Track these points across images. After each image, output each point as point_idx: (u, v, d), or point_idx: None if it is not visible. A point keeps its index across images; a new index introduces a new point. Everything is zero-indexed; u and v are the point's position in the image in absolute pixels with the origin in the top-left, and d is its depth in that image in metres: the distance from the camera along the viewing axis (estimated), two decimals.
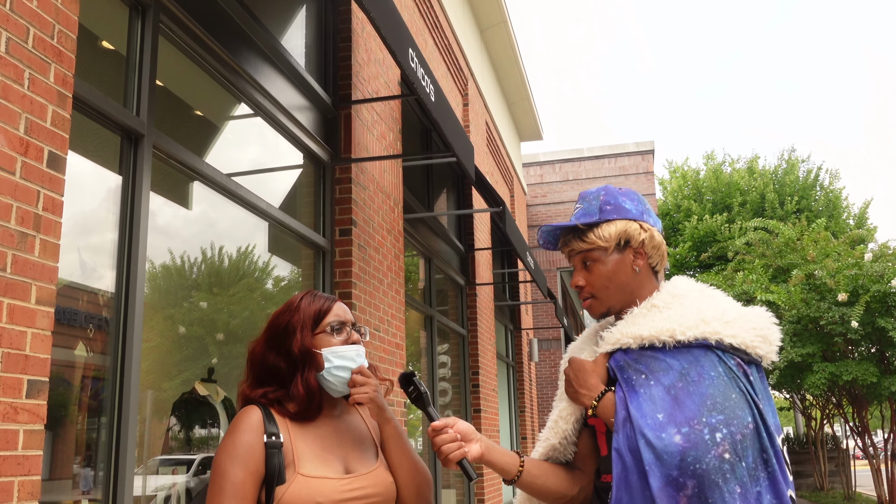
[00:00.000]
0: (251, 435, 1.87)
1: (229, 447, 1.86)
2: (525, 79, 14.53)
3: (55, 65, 2.61)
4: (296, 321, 2.01)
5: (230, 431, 1.89)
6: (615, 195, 2.08)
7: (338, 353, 1.99)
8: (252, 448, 1.86)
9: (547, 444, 2.12)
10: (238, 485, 1.82)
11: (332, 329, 2.01)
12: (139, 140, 3.36)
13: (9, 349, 2.29)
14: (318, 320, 2.02)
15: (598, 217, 2.05)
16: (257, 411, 1.92)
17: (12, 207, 2.37)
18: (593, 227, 2.05)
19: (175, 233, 3.95)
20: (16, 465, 2.28)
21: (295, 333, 1.99)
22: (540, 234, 2.14)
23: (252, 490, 1.83)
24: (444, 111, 5.25)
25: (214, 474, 1.85)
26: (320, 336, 2.01)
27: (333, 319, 2.03)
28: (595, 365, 2.04)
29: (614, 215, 2.05)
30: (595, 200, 2.08)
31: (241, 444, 1.86)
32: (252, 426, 1.89)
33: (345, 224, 5.57)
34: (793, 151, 25.20)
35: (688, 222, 23.14)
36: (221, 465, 1.85)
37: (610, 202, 2.07)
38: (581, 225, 2.06)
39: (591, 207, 2.08)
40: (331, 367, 1.98)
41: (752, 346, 1.94)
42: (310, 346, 1.98)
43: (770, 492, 1.80)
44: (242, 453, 1.85)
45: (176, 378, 4.02)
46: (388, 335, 6.08)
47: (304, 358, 1.98)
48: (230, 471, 1.83)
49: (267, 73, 4.72)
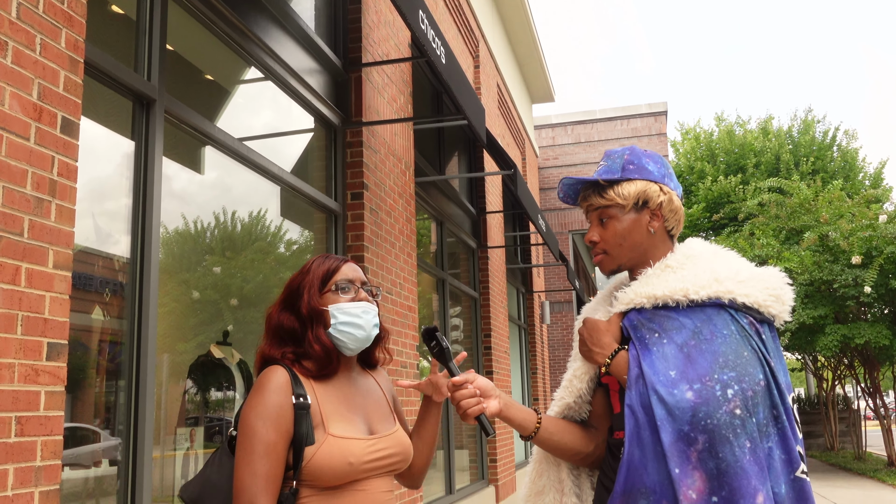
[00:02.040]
0: (281, 395, 1.86)
1: (259, 406, 1.85)
2: (537, 40, 14.40)
3: (66, 30, 2.61)
4: (306, 282, 2.03)
5: (258, 390, 1.88)
6: (640, 156, 2.10)
7: (343, 310, 2.00)
8: (282, 409, 1.85)
9: (562, 402, 2.15)
10: (271, 445, 1.81)
11: (338, 287, 2.03)
12: (151, 105, 3.37)
13: (28, 312, 2.33)
14: (326, 280, 2.03)
15: (620, 175, 2.06)
16: (283, 372, 1.91)
17: (28, 173, 2.39)
18: (614, 184, 2.06)
19: (188, 197, 3.97)
20: (38, 425, 2.32)
21: (304, 294, 2.01)
22: (560, 185, 2.16)
23: (283, 451, 1.84)
24: (454, 74, 5.22)
25: (244, 434, 1.83)
26: (328, 295, 2.02)
27: (341, 278, 2.04)
28: (609, 324, 2.06)
29: (636, 175, 2.06)
30: (619, 159, 2.10)
31: (272, 404, 1.85)
32: (281, 386, 1.88)
33: (356, 188, 5.57)
34: (809, 111, 24.93)
35: (701, 184, 23.02)
36: (252, 425, 1.83)
37: (633, 162, 2.08)
38: (602, 181, 2.07)
39: (614, 165, 2.09)
40: (337, 324, 1.99)
41: (764, 305, 1.95)
42: (317, 305, 2.00)
43: (780, 447, 1.84)
44: (273, 414, 1.84)
45: (191, 341, 4.07)
46: (400, 298, 6.11)
47: (311, 316, 1.99)
48: (261, 431, 1.82)
49: (277, 37, 4.70)
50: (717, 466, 1.76)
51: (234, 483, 1.82)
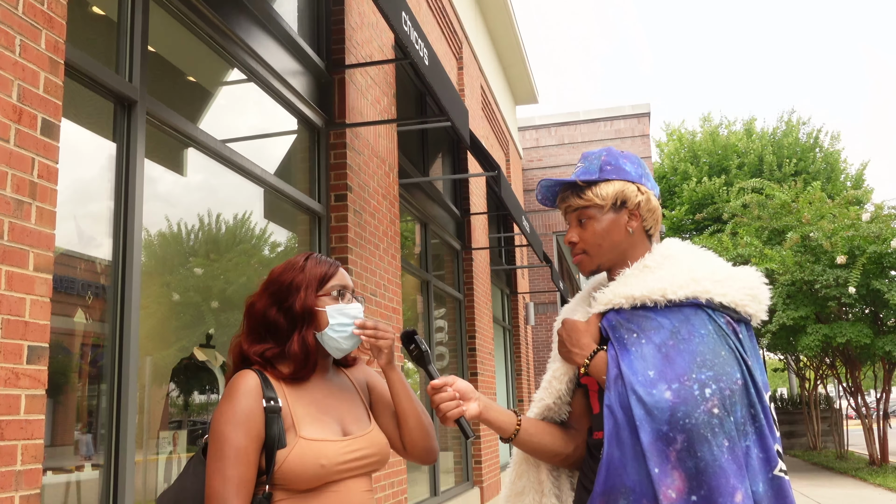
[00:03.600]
0: (250, 400, 1.87)
1: (228, 412, 1.85)
2: (520, 42, 14.44)
3: (46, 31, 2.61)
4: (300, 280, 2.02)
5: (228, 396, 1.89)
6: (616, 157, 2.12)
7: (342, 311, 2.01)
8: (252, 413, 1.85)
9: (542, 403, 2.15)
10: (241, 450, 1.82)
11: (338, 294, 2.04)
12: (132, 106, 3.36)
13: (8, 315, 2.32)
14: (322, 283, 2.04)
15: (598, 176, 2.08)
16: (254, 375, 1.92)
17: (7, 175, 2.38)
18: (592, 185, 2.08)
19: (170, 200, 3.96)
20: (19, 429, 2.31)
21: (299, 291, 2.00)
22: (539, 188, 2.17)
23: (254, 455, 1.84)
24: (437, 75, 5.23)
25: (214, 440, 1.84)
26: (323, 298, 2.03)
27: (336, 284, 2.05)
28: (587, 325, 2.08)
29: (613, 175, 2.08)
30: (596, 160, 2.12)
31: (241, 409, 1.85)
32: (250, 391, 1.88)
33: (340, 189, 5.57)
34: (792, 113, 25.11)
35: (685, 185, 23.13)
36: (222, 431, 1.84)
37: (611, 163, 2.10)
38: (580, 182, 2.09)
39: (591, 166, 2.11)
40: (334, 324, 2.00)
41: (741, 304, 1.97)
42: (312, 306, 2.00)
43: (757, 445, 1.86)
44: (243, 418, 1.84)
45: (174, 345, 4.06)
46: (384, 300, 6.11)
47: (304, 316, 1.99)
48: (231, 436, 1.82)
49: (259, 38, 4.69)
50: (696, 465, 1.78)
51: (206, 489, 1.82)
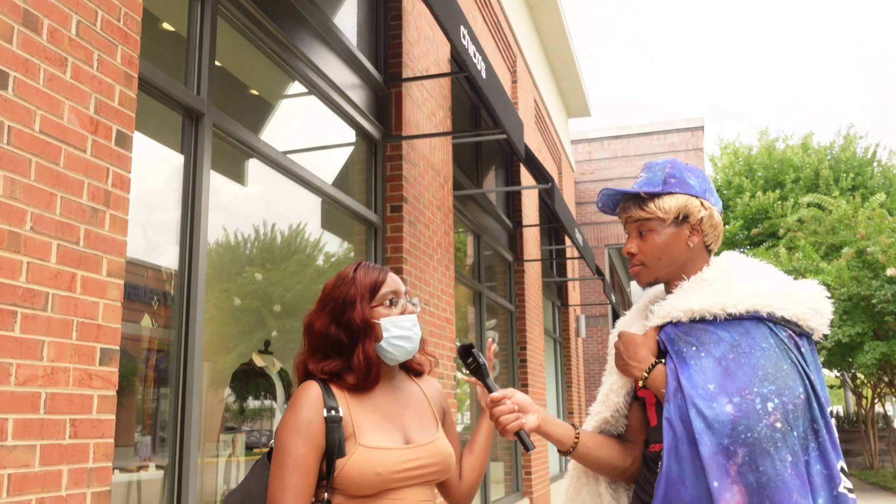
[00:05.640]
0: (311, 411, 1.94)
1: (290, 423, 1.94)
2: (573, 55, 14.42)
3: (122, 46, 2.71)
4: (353, 293, 2.06)
5: (291, 407, 1.97)
6: (681, 169, 2.10)
7: (396, 323, 2.05)
8: (312, 423, 1.92)
9: (599, 417, 2.15)
10: (300, 459, 1.90)
11: (391, 302, 2.08)
12: (200, 119, 3.46)
13: (83, 318, 2.41)
14: (374, 291, 2.07)
15: (661, 188, 2.06)
16: (316, 386, 1.98)
17: (84, 184, 2.47)
18: (655, 197, 2.07)
19: (233, 210, 4.06)
20: (91, 428, 2.40)
21: (355, 305, 2.04)
22: (600, 196, 2.16)
23: (313, 464, 1.91)
24: (494, 88, 5.28)
25: (277, 449, 1.94)
26: (377, 309, 2.07)
27: (388, 291, 2.08)
28: (645, 338, 2.07)
29: (677, 189, 2.06)
30: (660, 171, 2.10)
31: (302, 419, 1.93)
32: (311, 402, 1.95)
33: (396, 200, 5.64)
34: (851, 127, 24.64)
35: (739, 199, 22.81)
36: (283, 440, 1.93)
37: (675, 175, 2.08)
38: (643, 193, 2.07)
39: (655, 178, 2.09)
40: (389, 337, 2.04)
41: (803, 318, 1.95)
42: (369, 318, 2.04)
43: (819, 461, 1.82)
44: (303, 429, 1.92)
45: (232, 351, 4.15)
46: (437, 310, 6.16)
47: (364, 329, 2.03)
48: (291, 445, 1.91)
49: (320, 52, 4.79)
50: (758, 480, 1.76)
51: (268, 494, 1.92)
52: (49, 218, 2.33)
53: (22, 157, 2.25)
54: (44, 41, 2.37)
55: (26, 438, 2.18)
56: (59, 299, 2.33)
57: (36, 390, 2.22)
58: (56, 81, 2.40)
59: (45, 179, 2.33)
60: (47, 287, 2.30)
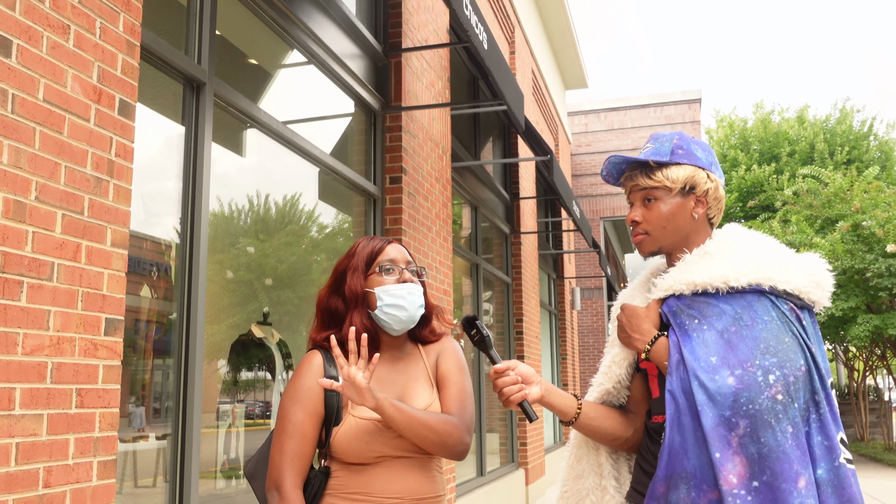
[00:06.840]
0: (311, 379, 2.01)
1: (291, 390, 2.02)
2: (572, 26, 14.33)
3: (124, 14, 2.69)
4: (351, 265, 2.12)
5: (294, 375, 2.05)
6: (688, 141, 2.11)
7: (389, 292, 2.08)
8: (311, 391, 2.00)
9: (601, 388, 2.17)
10: (298, 425, 1.97)
11: (382, 269, 2.10)
12: (201, 88, 3.44)
13: (88, 289, 2.42)
14: (370, 261, 2.12)
15: (669, 158, 2.07)
16: (318, 356, 2.06)
17: (88, 153, 2.47)
18: (663, 166, 2.08)
19: (233, 180, 4.05)
20: (97, 397, 2.41)
21: (352, 274, 2.10)
22: (606, 164, 2.16)
23: (311, 430, 1.98)
24: (496, 59, 5.25)
25: (279, 415, 2.02)
26: (372, 277, 2.10)
27: (384, 259, 2.11)
28: (648, 311, 2.09)
29: (685, 160, 2.07)
30: (668, 142, 2.11)
31: (302, 387, 2.01)
32: (312, 370, 2.03)
33: (395, 171, 5.63)
34: (847, 101, 24.58)
35: (734, 172, 22.83)
36: (284, 407, 2.01)
37: (682, 147, 2.09)
38: (652, 162, 2.08)
39: (662, 148, 2.10)
40: (383, 306, 2.07)
41: (805, 291, 1.97)
42: (361, 287, 2.08)
43: (820, 433, 1.85)
44: (303, 396, 1.99)
45: (227, 321, 4.15)
46: (436, 281, 6.17)
47: (355, 298, 2.08)
48: (291, 412, 1.99)
49: (320, 21, 4.76)
50: (759, 451, 1.78)
51: (269, 459, 1.99)
52: (54, 187, 2.32)
53: (26, 125, 2.25)
54: (46, 8, 2.35)
55: (33, 408, 2.20)
56: (64, 269, 2.33)
57: (42, 360, 2.23)
58: (59, 49, 2.39)
59: (50, 149, 2.32)
60: (52, 257, 2.30)
